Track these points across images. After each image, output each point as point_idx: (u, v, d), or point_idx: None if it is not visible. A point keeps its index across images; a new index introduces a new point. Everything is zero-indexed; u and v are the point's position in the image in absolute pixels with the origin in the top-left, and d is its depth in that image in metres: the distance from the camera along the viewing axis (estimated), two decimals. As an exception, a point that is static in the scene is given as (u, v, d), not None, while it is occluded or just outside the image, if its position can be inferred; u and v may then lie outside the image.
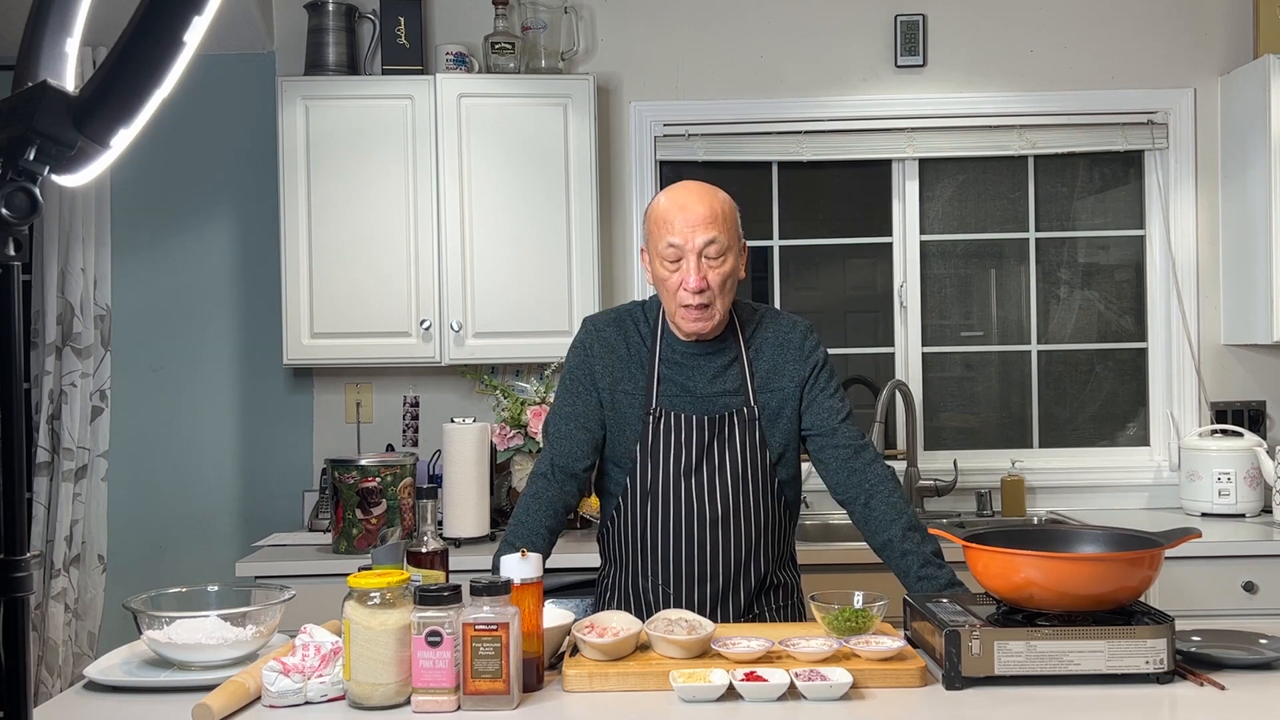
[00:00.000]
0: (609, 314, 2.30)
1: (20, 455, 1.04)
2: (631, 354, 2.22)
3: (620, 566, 2.25)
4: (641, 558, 2.20)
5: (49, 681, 3.57)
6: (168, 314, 3.83)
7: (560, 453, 2.21)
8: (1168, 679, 1.71)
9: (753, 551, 2.17)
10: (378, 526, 3.13)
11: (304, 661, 1.69)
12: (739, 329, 2.23)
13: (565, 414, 2.23)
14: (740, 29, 3.83)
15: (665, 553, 2.17)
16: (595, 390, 2.21)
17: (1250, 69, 3.64)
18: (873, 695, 1.69)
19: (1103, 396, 3.92)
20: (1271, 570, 3.11)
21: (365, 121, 3.49)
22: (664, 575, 2.18)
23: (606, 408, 2.21)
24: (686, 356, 2.19)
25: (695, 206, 2.10)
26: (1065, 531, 1.98)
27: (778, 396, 2.19)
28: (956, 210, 3.92)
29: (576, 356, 2.25)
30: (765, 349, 2.22)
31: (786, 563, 2.29)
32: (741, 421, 2.17)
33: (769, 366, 2.20)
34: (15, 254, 1.03)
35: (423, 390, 3.82)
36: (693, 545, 2.16)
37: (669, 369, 2.19)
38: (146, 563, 3.79)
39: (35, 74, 1.14)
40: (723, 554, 2.16)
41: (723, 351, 2.20)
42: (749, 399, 2.18)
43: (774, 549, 2.22)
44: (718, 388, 2.18)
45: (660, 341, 2.21)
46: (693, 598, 2.17)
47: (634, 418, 2.18)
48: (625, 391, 2.20)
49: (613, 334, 2.24)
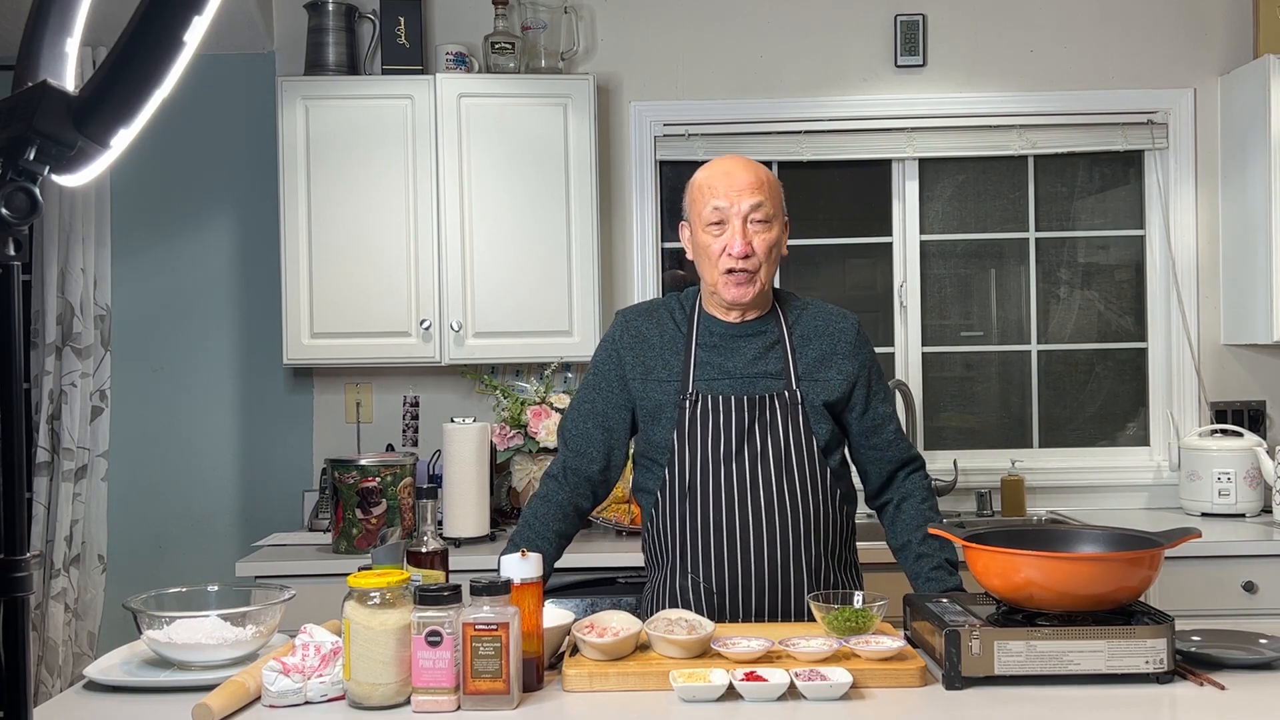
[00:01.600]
0: (642, 305, 2.24)
1: (20, 455, 1.04)
2: (665, 340, 2.14)
3: (662, 568, 2.14)
4: (684, 553, 2.08)
5: (49, 681, 3.57)
6: (168, 314, 3.83)
7: (574, 453, 2.16)
8: (1168, 679, 1.71)
9: (802, 542, 2.04)
10: (378, 526, 3.13)
11: (304, 661, 1.69)
12: (782, 312, 2.15)
13: (584, 411, 2.17)
14: (740, 29, 3.83)
15: (708, 546, 2.05)
16: (623, 386, 2.14)
17: (1250, 69, 3.64)
18: (873, 695, 1.69)
19: (1103, 396, 3.92)
20: (1271, 570, 3.11)
21: (365, 121, 3.49)
22: (705, 570, 2.05)
23: (639, 399, 2.12)
24: (725, 339, 2.11)
25: (741, 173, 2.10)
26: (1065, 531, 1.98)
27: (825, 388, 2.10)
28: (956, 210, 3.92)
29: (603, 352, 2.18)
30: (813, 338, 2.13)
31: (846, 565, 2.16)
32: (784, 405, 2.07)
33: (817, 356, 2.12)
34: (15, 254, 1.03)
35: (423, 390, 3.82)
36: (734, 537, 2.03)
37: (706, 352, 2.11)
38: (146, 563, 3.79)
39: (35, 74, 1.14)
40: (767, 546, 2.03)
41: (764, 334, 2.12)
42: (791, 383, 2.09)
43: (829, 543, 2.09)
44: (759, 369, 2.09)
45: (697, 325, 2.13)
46: (737, 594, 2.05)
47: (669, 405, 2.09)
48: (659, 379, 2.11)
49: (644, 323, 2.17)
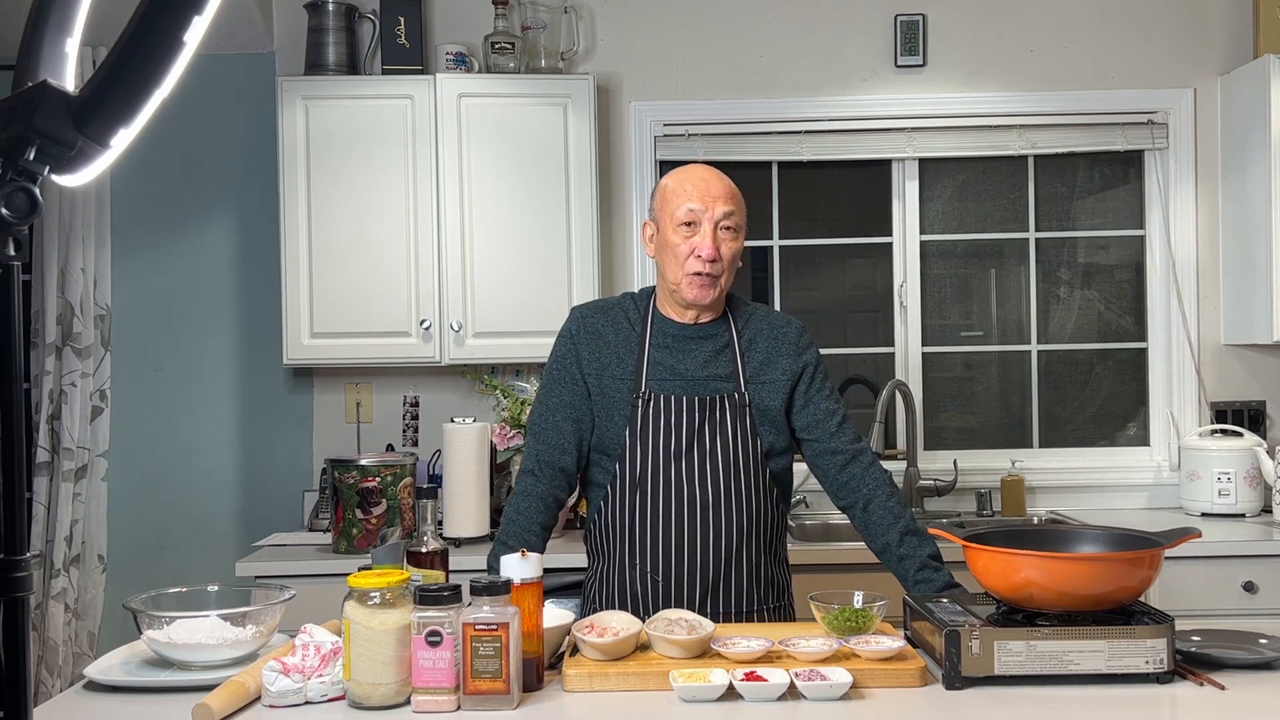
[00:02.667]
0: (597, 303, 2.31)
1: (20, 455, 1.04)
2: (620, 339, 2.21)
3: (609, 560, 2.21)
4: (631, 546, 2.16)
5: (49, 681, 3.57)
6: (168, 314, 3.83)
7: (546, 445, 2.21)
8: (1168, 679, 1.71)
9: (745, 539, 2.15)
10: (378, 526, 3.13)
11: (304, 661, 1.69)
12: (732, 317, 2.24)
13: (551, 405, 2.22)
14: (740, 29, 3.83)
15: (656, 539, 2.14)
16: (582, 379, 2.20)
17: (1250, 69, 3.64)
18: (873, 695, 1.69)
19: (1103, 396, 3.92)
20: (1271, 570, 3.11)
21: (365, 121, 3.49)
22: (653, 563, 2.14)
23: (595, 394, 2.19)
24: (678, 340, 2.20)
25: (715, 182, 2.18)
26: (1065, 531, 1.98)
27: (769, 389, 2.19)
28: (956, 210, 3.92)
29: (562, 346, 2.24)
30: (759, 341, 2.22)
31: (780, 560, 2.27)
32: (733, 406, 2.17)
33: (762, 358, 2.21)
34: (15, 254, 1.03)
35: (423, 390, 3.82)
36: (683, 530, 2.13)
37: (659, 352, 2.19)
38: (146, 563, 3.79)
39: (35, 74, 1.14)
40: (714, 540, 2.13)
41: (715, 337, 2.21)
42: (740, 385, 2.18)
43: (766, 540, 2.20)
44: (709, 371, 2.18)
45: (651, 326, 2.21)
46: (683, 587, 2.13)
47: (623, 402, 2.17)
48: (614, 377, 2.18)
49: (600, 321, 2.24)
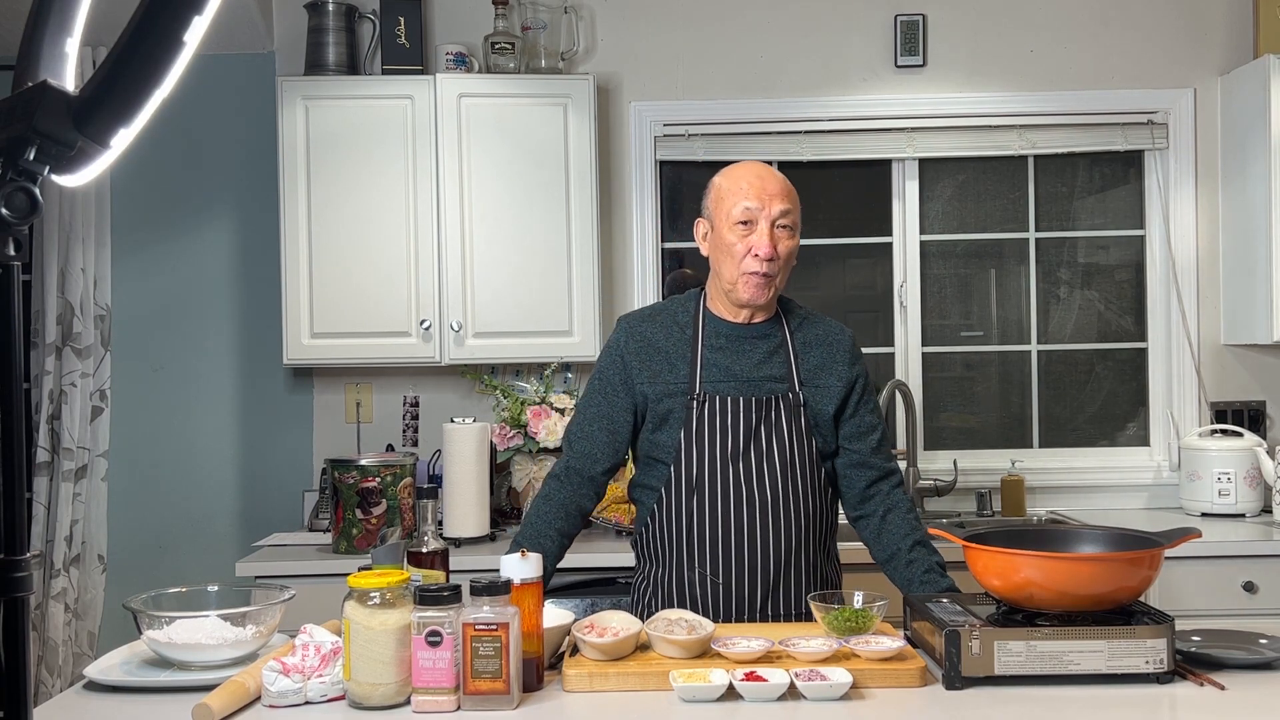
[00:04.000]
0: (644, 310, 2.29)
1: (20, 455, 1.04)
2: (672, 344, 2.19)
3: (663, 562, 2.18)
4: (689, 549, 2.13)
5: (49, 681, 3.57)
6: (168, 314, 3.83)
7: (578, 454, 2.21)
8: (1168, 679, 1.71)
9: (803, 539, 2.13)
10: (378, 526, 3.13)
11: (304, 661, 1.69)
12: (785, 318, 2.22)
13: (590, 415, 2.22)
14: (740, 29, 3.83)
15: (715, 542, 2.11)
16: (629, 390, 2.19)
17: (1250, 69, 3.64)
18: (873, 695, 1.69)
19: (1103, 396, 3.92)
20: (1271, 570, 3.11)
21: (365, 121, 3.49)
22: (713, 566, 2.12)
23: (651, 402, 2.17)
24: (731, 340, 2.18)
25: (771, 180, 2.15)
26: (1065, 531, 1.98)
27: (823, 394, 2.18)
28: (956, 210, 3.92)
29: (608, 358, 2.23)
30: (814, 345, 2.21)
31: (833, 558, 2.27)
32: (788, 406, 2.15)
33: (817, 363, 2.19)
34: (15, 254, 1.03)
35: (423, 390, 3.82)
36: (741, 532, 2.11)
37: (713, 353, 2.17)
38: (146, 563, 3.79)
39: (35, 74, 1.14)
40: (774, 541, 2.11)
41: (769, 337, 2.19)
42: (794, 386, 2.16)
43: (820, 539, 2.19)
44: (763, 372, 2.16)
45: (703, 327, 2.19)
46: (743, 589, 2.11)
47: (678, 405, 2.15)
48: (667, 382, 2.17)
49: (649, 328, 2.22)
